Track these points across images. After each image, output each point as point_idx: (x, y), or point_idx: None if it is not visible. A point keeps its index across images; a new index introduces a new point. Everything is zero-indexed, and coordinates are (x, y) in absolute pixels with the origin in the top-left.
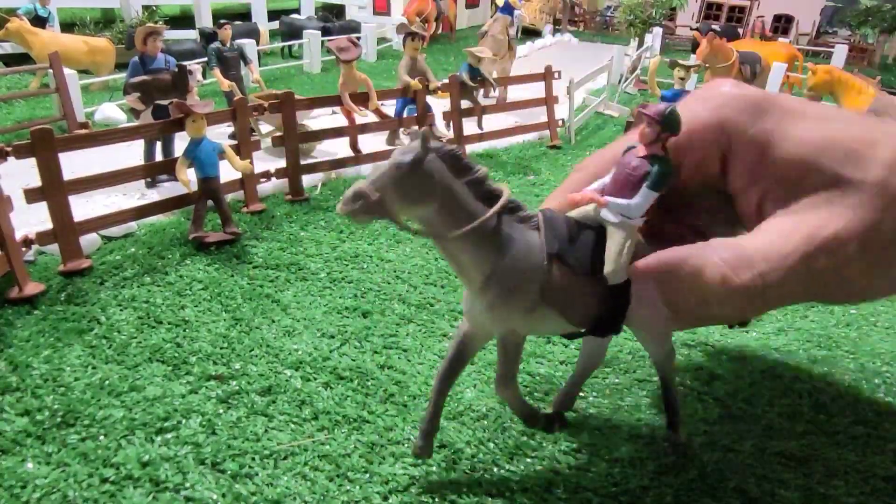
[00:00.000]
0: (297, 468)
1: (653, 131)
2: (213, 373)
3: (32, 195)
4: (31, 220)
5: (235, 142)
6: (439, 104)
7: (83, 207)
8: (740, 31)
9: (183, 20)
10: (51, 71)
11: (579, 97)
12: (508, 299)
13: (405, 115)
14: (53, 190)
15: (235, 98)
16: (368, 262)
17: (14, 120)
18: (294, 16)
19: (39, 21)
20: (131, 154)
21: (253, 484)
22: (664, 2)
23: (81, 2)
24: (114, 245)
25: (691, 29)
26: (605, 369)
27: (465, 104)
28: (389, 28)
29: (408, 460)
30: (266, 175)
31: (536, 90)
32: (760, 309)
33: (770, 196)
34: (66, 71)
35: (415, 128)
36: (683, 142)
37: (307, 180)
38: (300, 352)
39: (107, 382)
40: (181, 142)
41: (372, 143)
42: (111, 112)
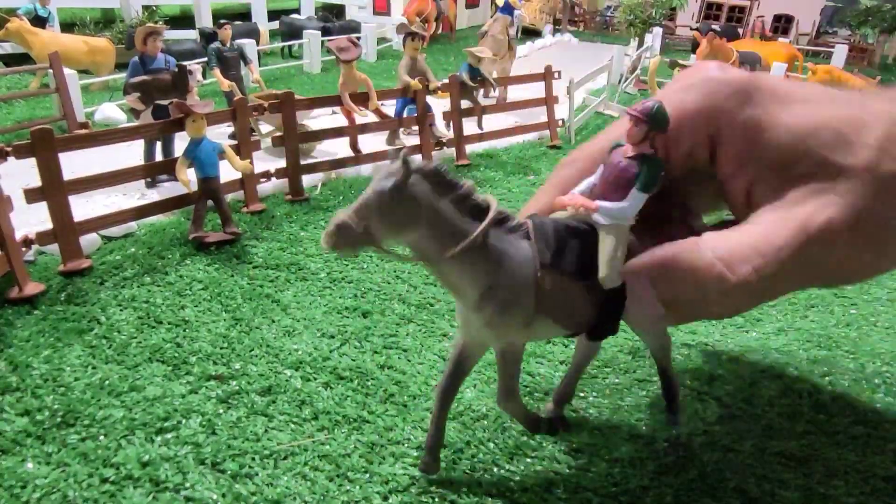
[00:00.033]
0: (297, 468)
1: (640, 131)
2: (213, 373)
3: (32, 195)
4: (31, 220)
5: (235, 142)
6: (439, 104)
7: (83, 207)
8: (740, 31)
9: (183, 20)
10: (51, 71)
11: (579, 97)
12: (505, 315)
13: (405, 115)
14: (53, 190)
15: (235, 98)
16: (368, 262)
17: (14, 120)
18: (294, 16)
19: (39, 21)
20: (131, 154)
21: (253, 484)
22: (664, 2)
23: (81, 2)
24: (114, 245)
25: (691, 29)
26: (605, 369)
27: (465, 104)
28: (389, 28)
29: (408, 460)
30: (266, 175)
31: (536, 90)
32: (756, 301)
33: (759, 182)
34: (66, 71)
35: (393, 148)
36: (672, 131)
37: (307, 180)
38: (300, 352)
39: (107, 382)
40: (181, 142)
41: (372, 143)
42: (111, 112)
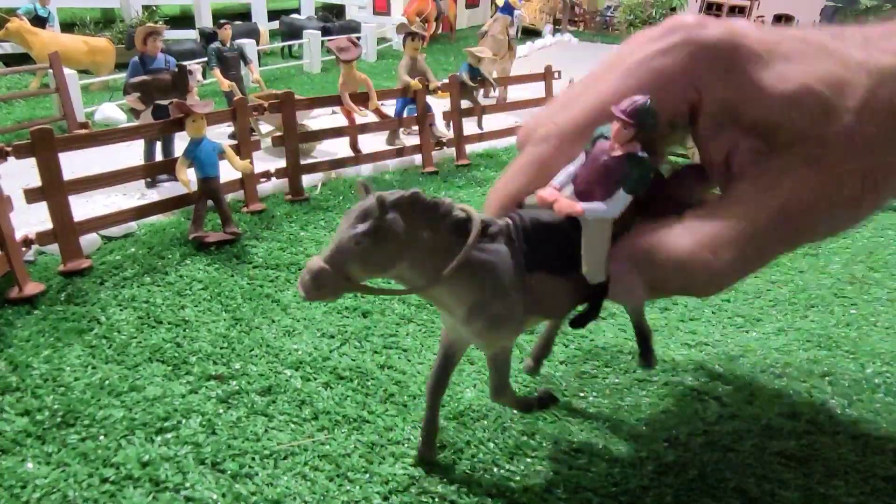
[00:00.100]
0: (297, 468)
1: (628, 133)
2: (213, 373)
3: (32, 195)
4: (31, 220)
5: (235, 142)
6: (439, 104)
7: (83, 207)
8: None
9: (183, 20)
10: (51, 71)
11: None
12: (495, 326)
13: (405, 115)
14: (53, 190)
15: (235, 98)
16: None
17: (14, 120)
18: (294, 16)
19: (39, 21)
20: (131, 154)
21: (253, 484)
22: (664, 2)
23: (81, 2)
24: (114, 245)
25: None
26: (605, 369)
27: (465, 104)
28: (389, 28)
29: (408, 460)
30: (266, 175)
31: (536, 90)
32: (741, 277)
33: (738, 148)
34: (66, 71)
35: (361, 183)
36: (651, 99)
37: (307, 180)
38: (300, 352)
39: (107, 382)
40: (181, 142)
41: (372, 143)
42: (111, 112)
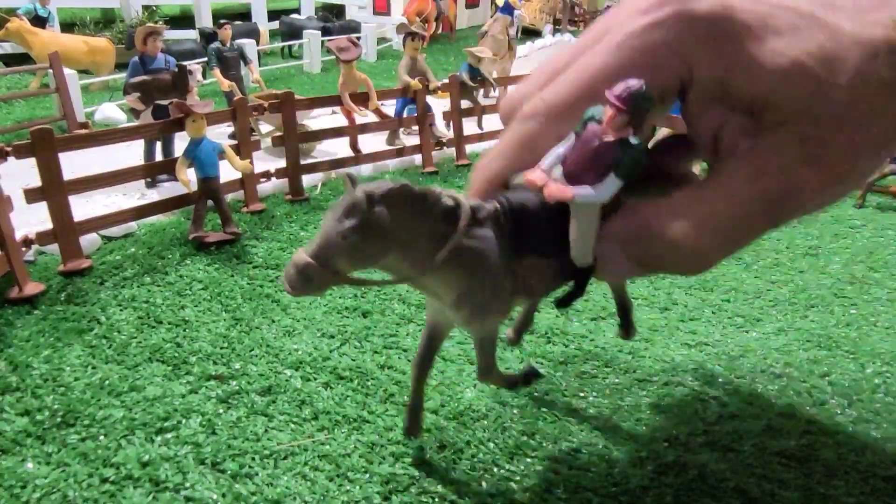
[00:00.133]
0: (297, 468)
1: (622, 120)
2: (213, 373)
3: (32, 195)
4: (31, 220)
5: (235, 142)
6: (439, 104)
7: (83, 207)
8: None
9: (183, 20)
10: (51, 71)
11: None
12: (484, 311)
13: (405, 115)
14: (53, 190)
15: (235, 98)
16: None
17: (14, 120)
18: (294, 16)
19: (39, 21)
20: (131, 154)
21: (253, 484)
22: None
23: (81, 2)
24: (114, 245)
25: None
26: (605, 369)
27: (465, 104)
28: (389, 28)
29: (408, 460)
30: (266, 175)
31: None
32: (727, 255)
33: (728, 126)
34: (66, 71)
35: (346, 175)
36: (641, 75)
37: (307, 180)
38: (300, 352)
39: (107, 382)
40: (181, 142)
41: (372, 143)
42: (111, 112)
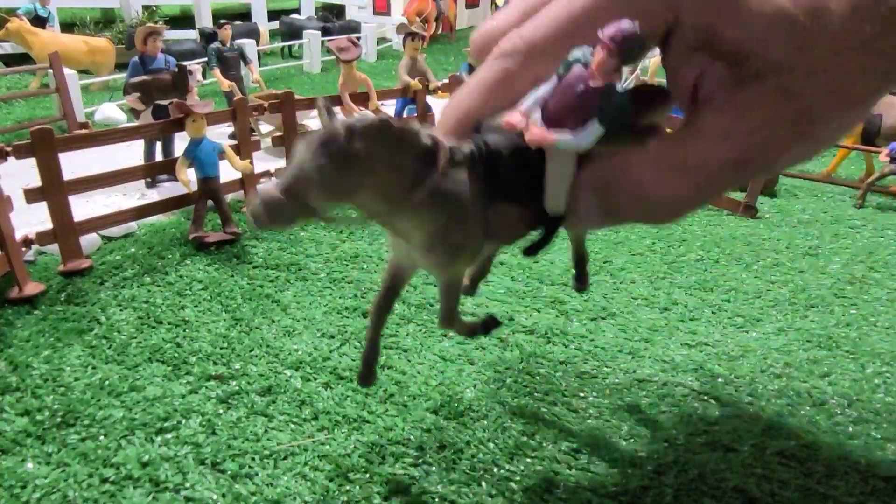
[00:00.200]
0: (297, 468)
1: (612, 63)
2: (213, 373)
3: (32, 195)
4: (31, 220)
5: (235, 142)
6: (439, 104)
7: (83, 207)
8: None
9: (183, 20)
10: (51, 71)
11: None
12: (455, 255)
13: (405, 115)
14: (53, 190)
15: (235, 98)
16: (368, 262)
17: (14, 120)
18: (294, 16)
19: (39, 21)
20: (131, 154)
21: (253, 484)
22: None
23: (81, 2)
24: (114, 245)
25: None
26: (605, 369)
27: None
28: (389, 28)
29: (408, 460)
30: (266, 175)
31: None
32: (698, 208)
33: (708, 76)
34: (66, 71)
35: (323, 101)
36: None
37: None
38: (300, 352)
39: (107, 382)
40: (181, 142)
41: None
42: (111, 112)
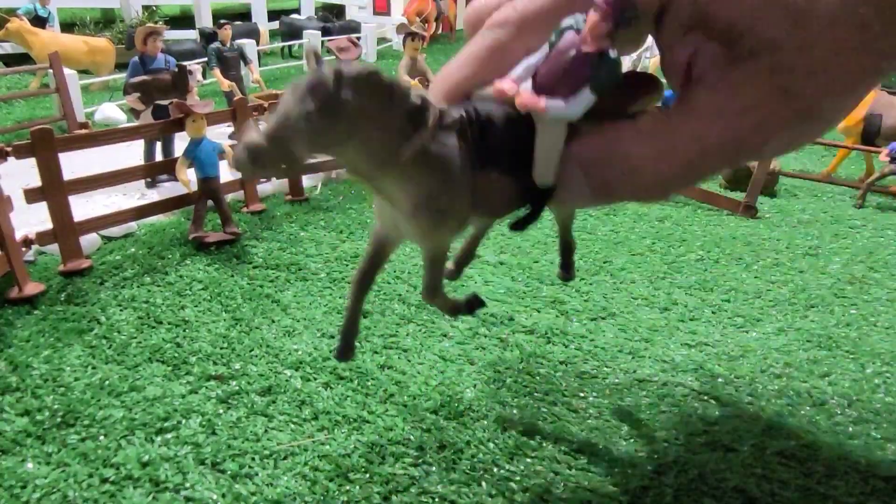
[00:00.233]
0: (297, 468)
1: (607, 27)
2: (213, 373)
3: (32, 195)
4: (31, 220)
5: (235, 142)
6: None
7: (83, 207)
8: None
9: (183, 20)
10: (51, 71)
11: None
12: (442, 222)
13: None
14: (53, 190)
15: (235, 98)
16: None
17: (14, 120)
18: (294, 16)
19: (39, 21)
20: (131, 154)
21: (253, 484)
22: None
23: (81, 2)
24: (114, 245)
25: None
26: (605, 369)
27: None
28: (389, 28)
29: (408, 460)
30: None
31: None
32: (687, 186)
33: (701, 55)
34: (66, 71)
35: (311, 48)
36: None
37: (307, 180)
38: (300, 352)
39: (107, 382)
40: (181, 142)
41: None
42: (111, 112)
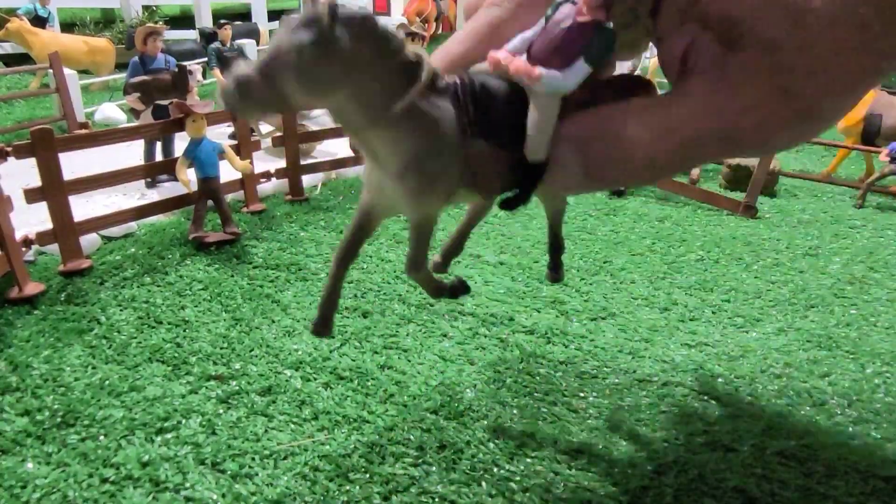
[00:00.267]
0: (297, 468)
1: None
2: (213, 373)
3: (32, 195)
4: (31, 220)
5: (235, 142)
6: None
7: (83, 207)
8: None
9: (183, 20)
10: (51, 71)
11: None
12: (428, 187)
13: None
14: (53, 190)
15: None
16: (368, 262)
17: (14, 120)
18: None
19: (39, 21)
20: (131, 154)
21: (253, 484)
22: None
23: (81, 2)
24: (114, 245)
25: None
26: (605, 369)
27: None
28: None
29: (408, 460)
30: (266, 175)
31: None
32: (676, 173)
33: (698, 47)
34: (66, 71)
35: None
36: None
37: (307, 180)
38: (300, 352)
39: (107, 382)
40: (181, 142)
41: None
42: (111, 112)
